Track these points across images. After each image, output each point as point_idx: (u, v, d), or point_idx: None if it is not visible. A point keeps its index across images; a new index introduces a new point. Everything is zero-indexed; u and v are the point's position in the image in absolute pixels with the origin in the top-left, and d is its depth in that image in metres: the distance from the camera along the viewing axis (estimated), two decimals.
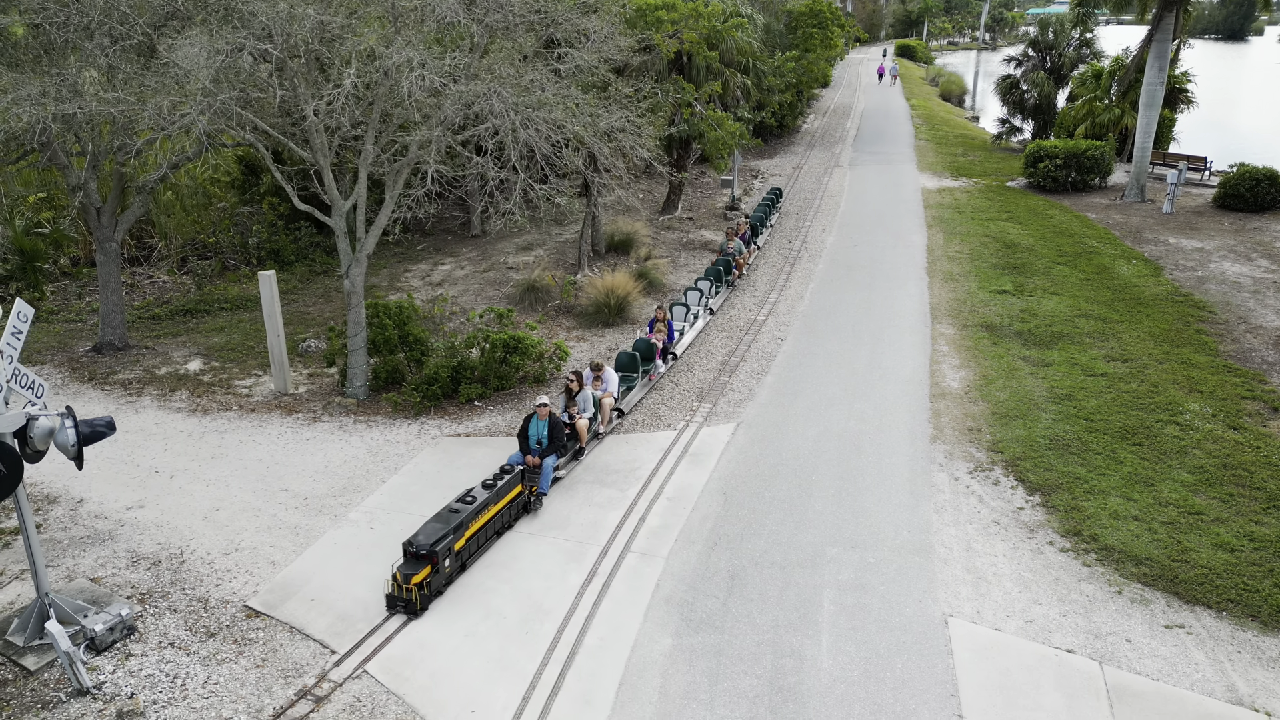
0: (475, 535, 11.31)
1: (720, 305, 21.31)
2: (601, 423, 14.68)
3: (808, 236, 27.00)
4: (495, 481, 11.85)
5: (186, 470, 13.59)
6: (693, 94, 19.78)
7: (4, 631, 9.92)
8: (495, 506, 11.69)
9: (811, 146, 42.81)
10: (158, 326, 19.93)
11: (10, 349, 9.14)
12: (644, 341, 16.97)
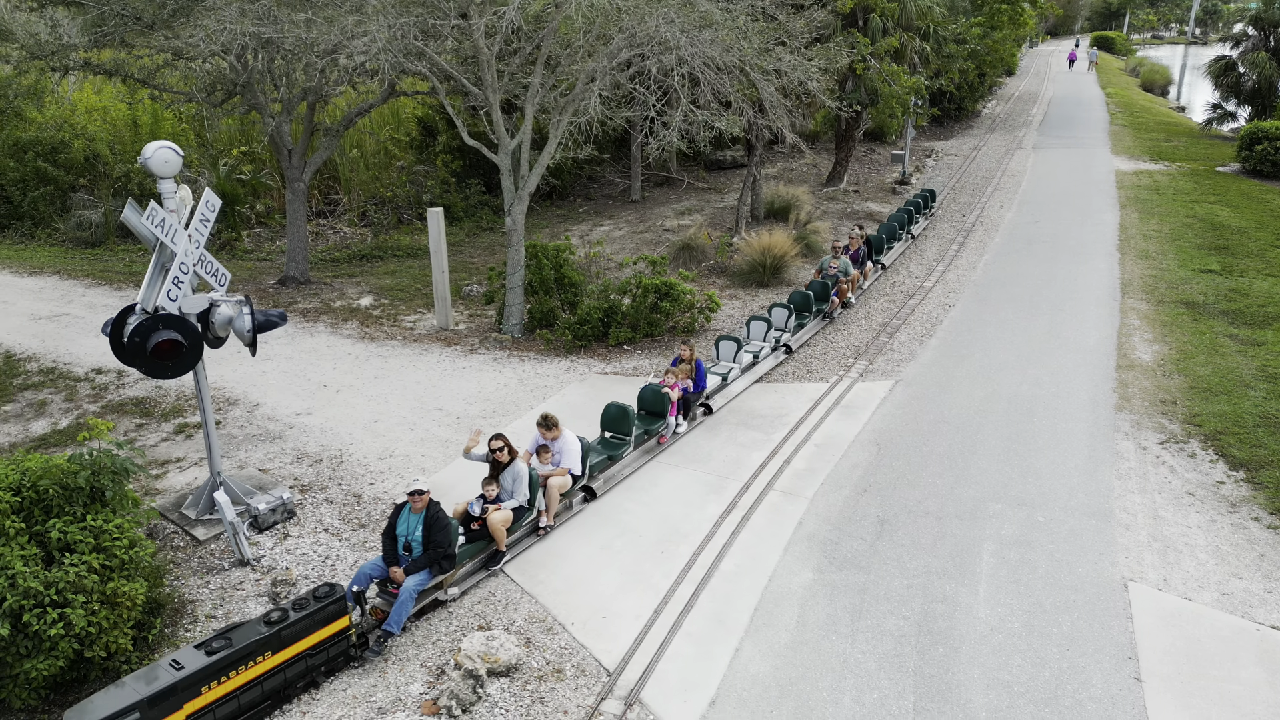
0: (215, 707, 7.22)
1: (807, 340, 16.08)
2: (546, 514, 10.13)
3: (984, 211, 25.37)
4: (287, 614, 7.71)
5: (351, 387, 14.24)
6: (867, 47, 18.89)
7: (180, 505, 10.67)
8: (263, 661, 7.49)
9: (992, 130, 40.37)
10: (336, 268, 21.13)
11: (198, 234, 9.75)
12: (652, 390, 12.22)
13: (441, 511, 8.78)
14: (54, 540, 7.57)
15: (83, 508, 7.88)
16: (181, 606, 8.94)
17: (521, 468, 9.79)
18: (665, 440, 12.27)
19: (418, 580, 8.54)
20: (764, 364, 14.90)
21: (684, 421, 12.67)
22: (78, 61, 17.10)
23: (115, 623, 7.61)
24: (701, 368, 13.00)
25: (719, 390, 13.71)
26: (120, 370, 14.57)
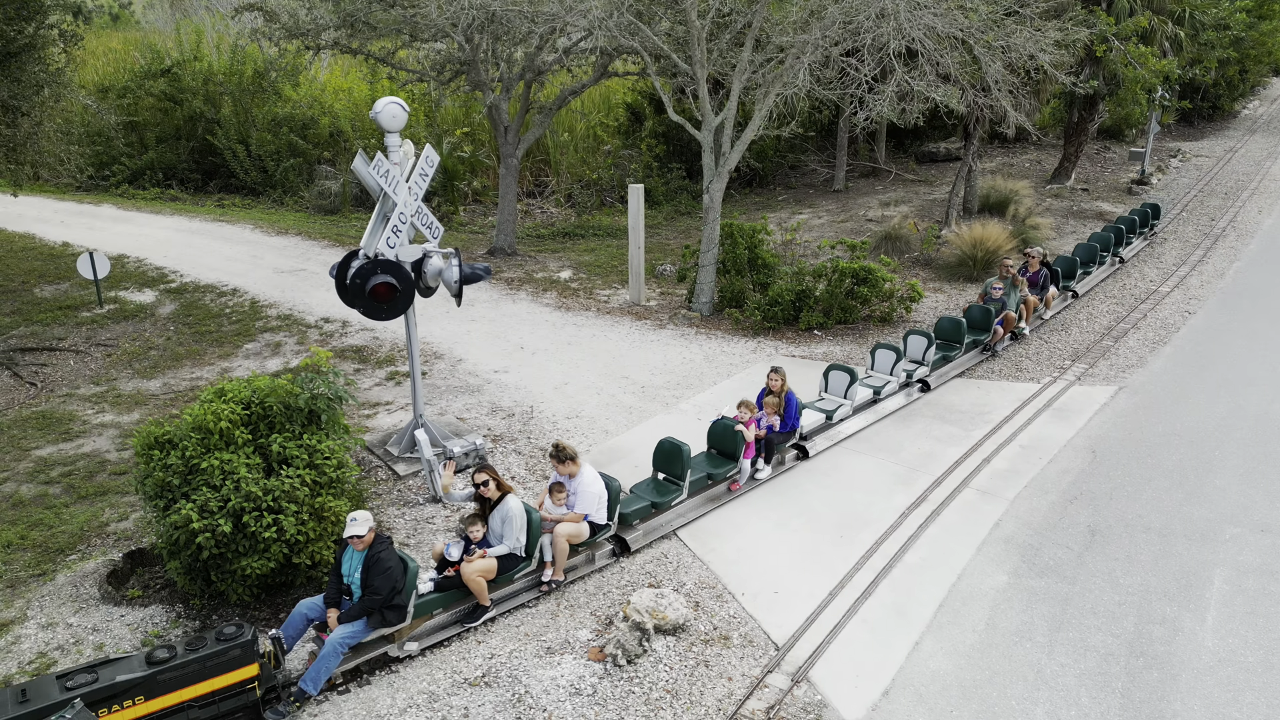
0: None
1: (954, 376, 13.53)
2: (553, 569, 8.51)
3: (1238, 216, 22.55)
4: (174, 654, 6.56)
5: (545, 350, 14.72)
6: (1111, 26, 17.23)
7: (385, 443, 11.41)
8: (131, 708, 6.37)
9: (1252, 132, 35.88)
10: (540, 243, 21.98)
11: (417, 187, 10.35)
12: (723, 426, 10.28)
13: (388, 553, 7.36)
14: (274, 453, 8.27)
15: (300, 427, 8.56)
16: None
17: (513, 507, 8.11)
18: (738, 488, 10.29)
19: (347, 632, 7.15)
20: (889, 402, 12.45)
21: (765, 466, 10.56)
22: (328, 40, 18.75)
23: (320, 534, 8.21)
24: (794, 402, 10.79)
25: (822, 429, 11.54)
26: (345, 320, 15.84)
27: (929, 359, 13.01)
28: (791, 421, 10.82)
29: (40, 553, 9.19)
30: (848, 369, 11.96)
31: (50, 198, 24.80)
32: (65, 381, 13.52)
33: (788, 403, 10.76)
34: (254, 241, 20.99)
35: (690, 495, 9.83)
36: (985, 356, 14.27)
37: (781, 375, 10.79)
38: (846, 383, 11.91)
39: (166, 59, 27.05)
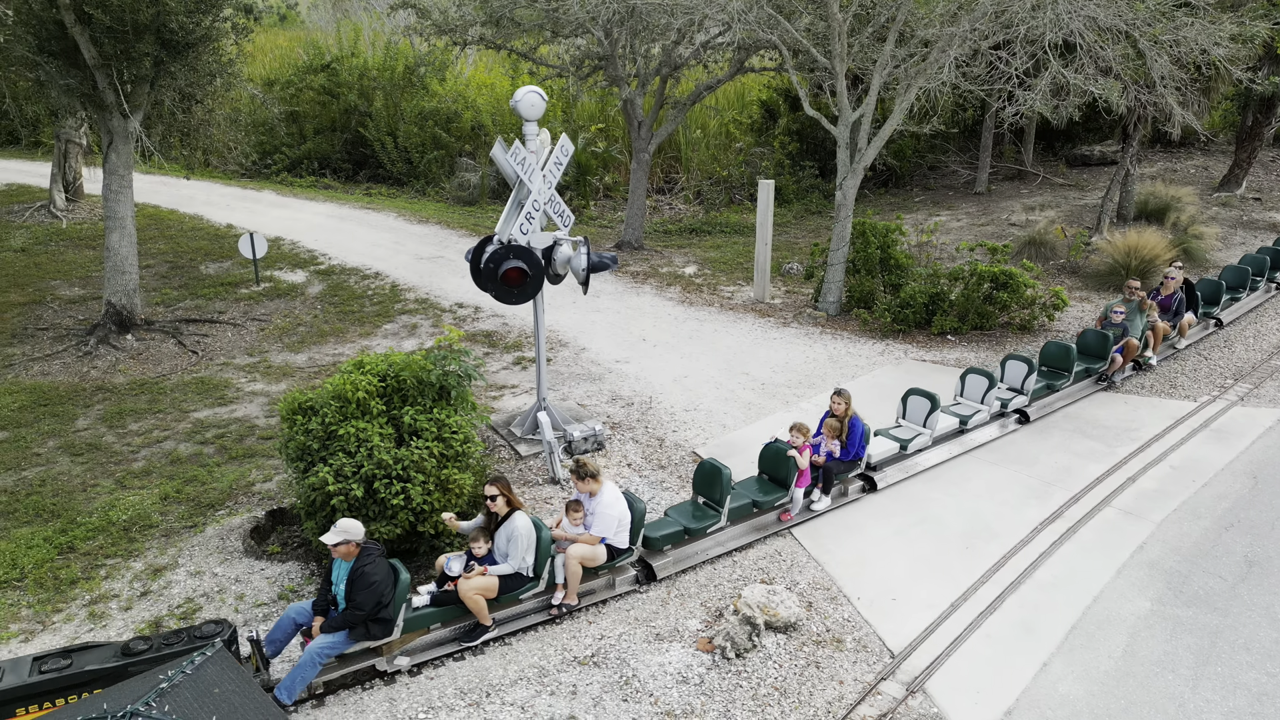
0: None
1: (1060, 409, 12.13)
2: (566, 591, 8.01)
3: None
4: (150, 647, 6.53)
5: (666, 343, 14.76)
6: None
7: (509, 424, 11.72)
8: None
9: None
10: (667, 239, 22.07)
11: (551, 175, 10.57)
12: (774, 450, 9.53)
13: (374, 566, 6.98)
14: (405, 424, 8.62)
15: (431, 401, 8.89)
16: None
17: (520, 525, 7.70)
18: (789, 518, 9.43)
19: (327, 642, 6.91)
20: (978, 434, 11.24)
21: (824, 497, 9.63)
22: (474, 36, 19.42)
23: (445, 505, 8.50)
24: (859, 428, 9.76)
25: (893, 460, 10.46)
26: (477, 306, 16.37)
27: (1029, 387, 11.65)
28: (855, 449, 9.79)
29: (193, 506, 9.92)
30: (928, 395, 10.69)
31: (217, 183, 26.75)
32: (223, 351, 14.54)
33: (851, 428, 9.74)
34: (397, 229, 21.99)
35: (732, 523, 9.06)
36: (1100, 387, 12.76)
37: (845, 398, 9.75)
38: (926, 410, 10.68)
39: (326, 55, 28.70)
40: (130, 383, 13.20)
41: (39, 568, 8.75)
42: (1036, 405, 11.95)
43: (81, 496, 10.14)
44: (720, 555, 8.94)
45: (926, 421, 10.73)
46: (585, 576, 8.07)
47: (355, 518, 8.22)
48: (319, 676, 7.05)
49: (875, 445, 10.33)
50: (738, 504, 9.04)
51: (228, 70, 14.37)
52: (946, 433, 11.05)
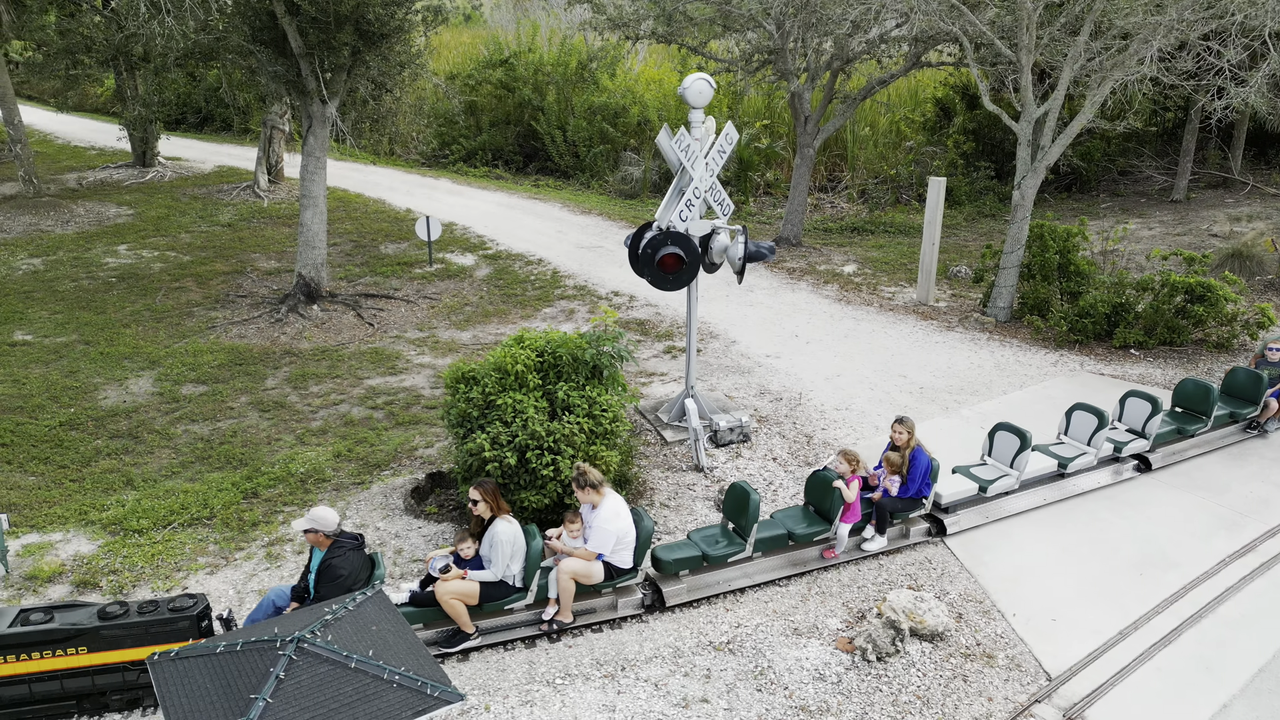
0: None
1: (1195, 454, 10.59)
2: (559, 607, 7.55)
3: None
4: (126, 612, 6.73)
5: (820, 341, 14.45)
6: None
7: (657, 410, 11.82)
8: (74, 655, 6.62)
9: None
10: (827, 237, 21.62)
11: (714, 164, 10.56)
12: (821, 478, 8.70)
13: (344, 560, 6.84)
14: (559, 399, 8.86)
15: (584, 379, 9.10)
16: (643, 489, 9.91)
17: (501, 532, 7.29)
18: (834, 556, 8.53)
19: None
20: (1081, 479, 9.83)
21: (879, 537, 8.68)
22: (647, 31, 19.70)
23: None
24: (922, 463, 8.62)
25: (970, 503, 9.23)
26: (632, 295, 16.62)
27: (1152, 430, 10.15)
28: (917, 487, 8.66)
29: (361, 465, 10.59)
30: (1017, 431, 9.40)
31: (400, 170, 28.46)
32: (396, 325, 15.45)
33: (913, 462, 8.61)
34: (560, 219, 22.65)
35: (761, 554, 8.32)
36: (1249, 435, 11.06)
37: (908, 428, 8.69)
38: (1015, 448, 9.41)
39: (505, 51, 29.93)
40: (313, 349, 14.25)
41: (226, 509, 9.60)
42: (1163, 451, 10.39)
43: (266, 448, 11.04)
44: (748, 588, 8.20)
45: (1014, 461, 9.42)
46: (585, 594, 7.62)
47: (505, 485, 8.54)
48: None
49: (951, 484, 9.20)
50: (768, 535, 8.28)
51: (415, 61, 15.24)
52: (1040, 475, 9.69)
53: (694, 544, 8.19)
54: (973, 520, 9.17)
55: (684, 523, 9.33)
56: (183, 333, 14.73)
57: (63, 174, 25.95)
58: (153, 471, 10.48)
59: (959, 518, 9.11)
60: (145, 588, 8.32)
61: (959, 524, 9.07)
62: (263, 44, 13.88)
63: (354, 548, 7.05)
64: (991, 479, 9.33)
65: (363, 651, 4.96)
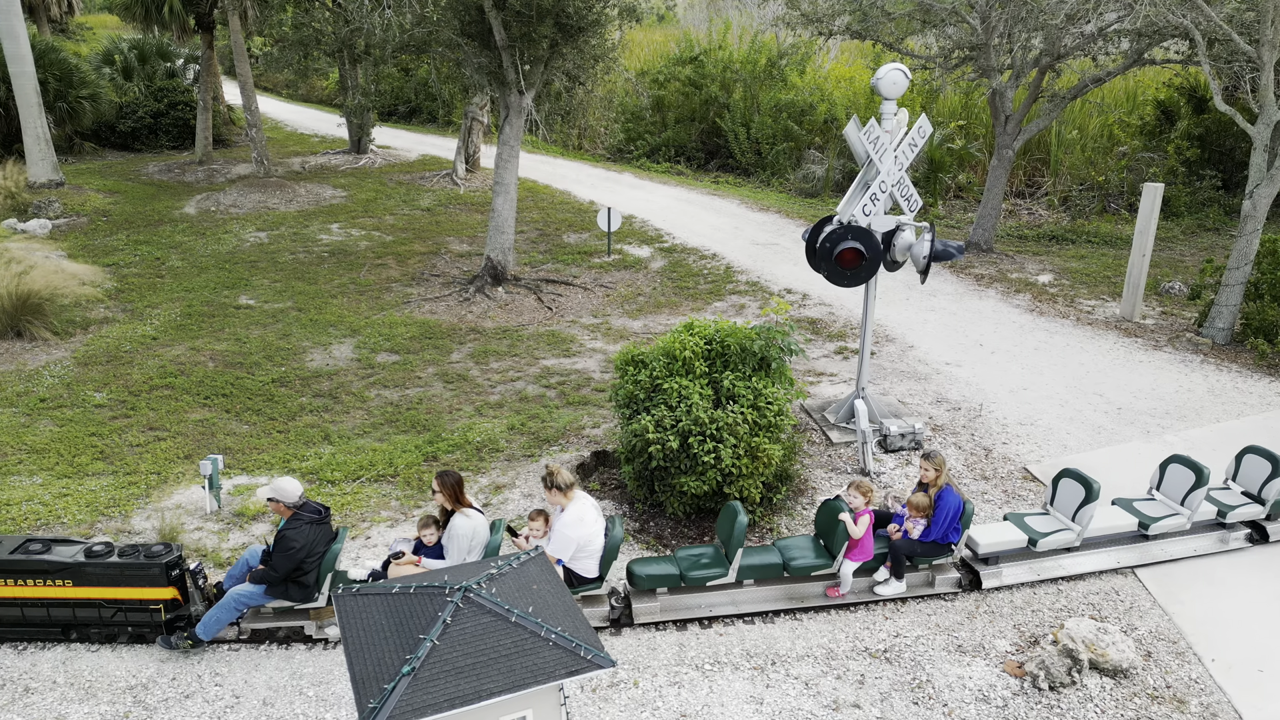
0: None
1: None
2: None
3: None
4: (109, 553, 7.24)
5: (1007, 351, 13.63)
6: None
7: (824, 409, 11.55)
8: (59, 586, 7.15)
9: None
10: (1020, 244, 20.34)
11: (904, 157, 10.17)
12: (830, 507, 7.89)
13: (297, 532, 6.99)
14: (724, 388, 8.84)
15: (751, 370, 9.02)
16: (804, 487, 9.72)
17: (458, 526, 7.21)
18: (836, 595, 7.79)
19: (246, 591, 7.07)
20: (1170, 545, 8.46)
21: (896, 582, 7.82)
22: (841, 26, 19.26)
23: (752, 472, 8.60)
24: (950, 505, 7.67)
25: (1017, 556, 8.16)
26: (805, 293, 16.33)
27: (1271, 495, 8.59)
28: (943, 531, 7.71)
29: (532, 439, 11.01)
30: (1083, 480, 8.12)
31: (585, 163, 29.35)
32: (572, 311, 15.95)
33: (939, 504, 7.69)
34: (738, 215, 22.59)
35: (753, 582, 7.71)
36: None
37: (936, 464, 7.80)
38: (1079, 500, 8.15)
39: (695, 48, 30.19)
40: (496, 328, 14.96)
41: (408, 469, 10.24)
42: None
43: (447, 417, 11.70)
44: (736, 615, 7.67)
45: (1077, 516, 8.15)
46: None
47: (666, 469, 8.61)
48: (250, 623, 7.33)
49: (996, 533, 8.19)
50: (759, 562, 7.65)
51: (609, 55, 15.64)
52: (1114, 534, 8.40)
53: (674, 561, 7.73)
54: (1018, 576, 8.09)
55: None
56: (381, 306, 15.86)
57: (289, 158, 28.60)
58: (347, 429, 11.35)
59: (1000, 571, 8.10)
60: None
61: (999, 578, 8.06)
62: (469, 37, 14.69)
63: (312, 521, 7.20)
64: (1046, 531, 8.18)
65: (523, 608, 5.14)
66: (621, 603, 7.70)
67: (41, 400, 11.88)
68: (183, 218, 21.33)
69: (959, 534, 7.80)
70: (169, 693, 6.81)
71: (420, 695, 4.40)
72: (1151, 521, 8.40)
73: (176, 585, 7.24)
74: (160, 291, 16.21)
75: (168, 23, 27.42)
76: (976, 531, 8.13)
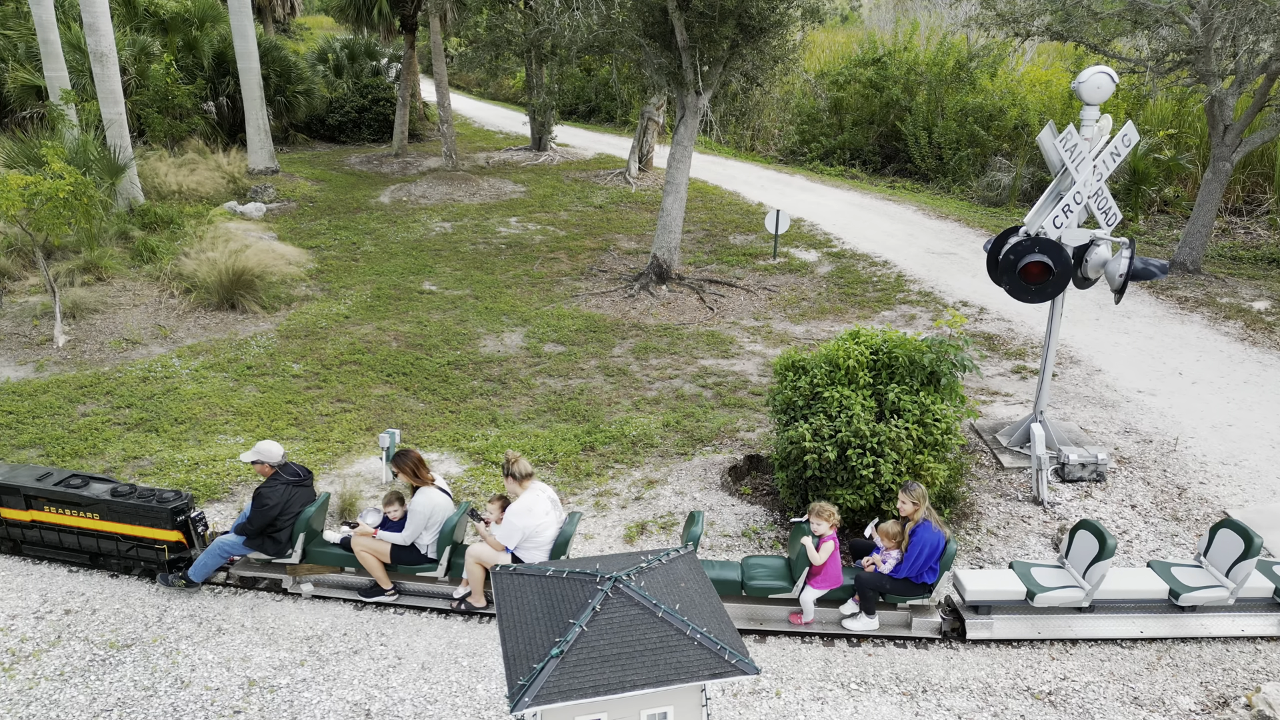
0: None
1: None
2: (467, 589, 7.67)
3: None
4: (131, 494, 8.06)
5: (1210, 383, 12.41)
6: None
7: (996, 431, 10.93)
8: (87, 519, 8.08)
9: None
10: (1234, 266, 18.44)
11: (1104, 167, 9.45)
12: (797, 529, 7.74)
13: (272, 490, 7.69)
14: (889, 401, 8.53)
15: (919, 384, 8.66)
16: (969, 511, 9.24)
17: (417, 503, 7.66)
18: (800, 622, 7.39)
19: (228, 541, 7.83)
20: (1207, 620, 7.44)
21: (867, 618, 7.31)
22: (1040, 27, 18.14)
23: None
24: (927, 543, 7.09)
25: (1015, 608, 7.42)
26: (982, 307, 15.52)
27: None
28: (916, 570, 7.16)
29: (686, 438, 11.06)
30: (1098, 532, 7.27)
31: (756, 165, 29.16)
32: (733, 312, 15.90)
33: (913, 539, 7.17)
34: (913, 222, 21.77)
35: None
36: None
37: (914, 496, 7.25)
38: (1093, 554, 7.30)
39: (879, 49, 29.33)
40: (658, 325, 15.13)
41: (567, 457, 10.55)
42: None
43: (606, 409, 11.95)
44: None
45: (1088, 572, 7.32)
46: None
47: (821, 479, 8.42)
48: (239, 570, 8.07)
49: (989, 580, 7.48)
50: (714, 577, 7.35)
51: (789, 56, 15.45)
52: (1137, 598, 7.48)
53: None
54: (1013, 631, 7.35)
55: (1011, 554, 8.56)
56: (551, 298, 16.41)
57: (474, 153, 30.10)
58: (512, 414, 11.82)
59: (992, 623, 7.36)
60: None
61: (989, 631, 7.33)
62: (651, 38, 14.92)
63: (291, 482, 7.86)
64: (1049, 586, 7.40)
65: (670, 604, 5.18)
66: None
67: (248, 367, 13.09)
68: (377, 206, 22.91)
69: (935, 575, 7.23)
70: (340, 647, 7.33)
71: (567, 679, 4.51)
72: (1183, 590, 7.42)
73: (182, 530, 8.02)
74: (354, 274, 17.48)
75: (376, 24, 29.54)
76: (966, 575, 7.53)
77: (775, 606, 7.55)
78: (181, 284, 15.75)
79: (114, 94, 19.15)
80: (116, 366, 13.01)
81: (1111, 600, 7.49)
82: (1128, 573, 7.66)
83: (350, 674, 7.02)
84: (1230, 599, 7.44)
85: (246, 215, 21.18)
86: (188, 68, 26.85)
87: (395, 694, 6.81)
